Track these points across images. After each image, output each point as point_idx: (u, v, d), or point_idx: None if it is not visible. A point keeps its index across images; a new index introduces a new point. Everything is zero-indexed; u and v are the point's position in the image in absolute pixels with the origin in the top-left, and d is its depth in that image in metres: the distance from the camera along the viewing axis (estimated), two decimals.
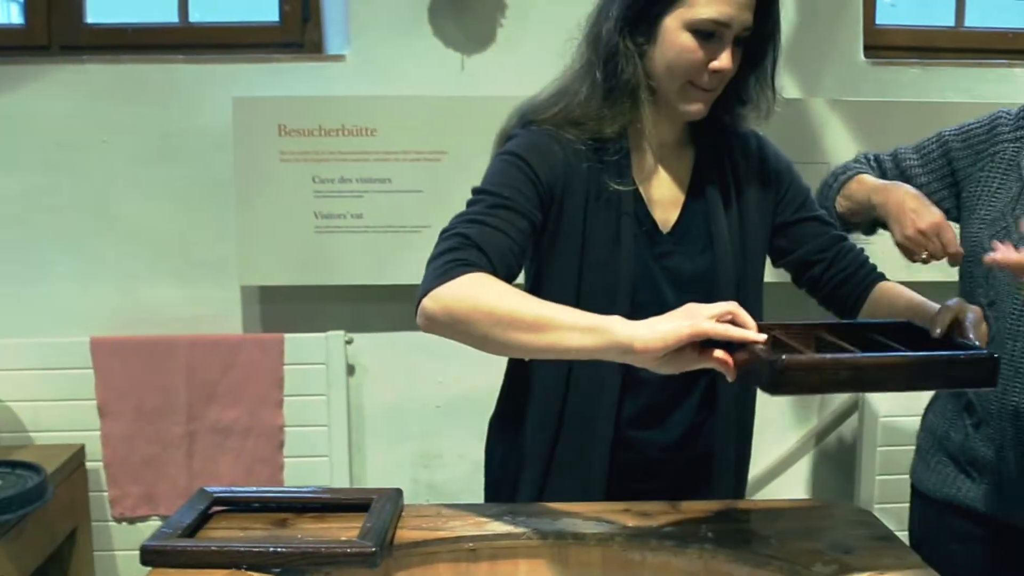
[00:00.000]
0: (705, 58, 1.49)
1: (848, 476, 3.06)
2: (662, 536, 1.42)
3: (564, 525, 1.45)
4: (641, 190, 1.59)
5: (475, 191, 1.54)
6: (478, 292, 1.37)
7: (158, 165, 2.77)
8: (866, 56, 2.93)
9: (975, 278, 1.80)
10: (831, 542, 1.40)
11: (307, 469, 2.85)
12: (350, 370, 2.88)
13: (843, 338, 1.36)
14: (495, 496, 1.73)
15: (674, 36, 1.49)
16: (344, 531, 1.38)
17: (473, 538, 1.43)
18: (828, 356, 1.25)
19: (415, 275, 2.71)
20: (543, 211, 1.53)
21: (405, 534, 1.42)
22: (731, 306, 1.27)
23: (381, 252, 2.77)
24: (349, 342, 2.84)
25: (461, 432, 2.95)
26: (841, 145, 2.84)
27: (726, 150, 1.65)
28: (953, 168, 1.87)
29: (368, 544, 1.29)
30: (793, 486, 3.07)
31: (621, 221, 1.55)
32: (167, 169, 2.78)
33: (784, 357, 1.19)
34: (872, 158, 1.95)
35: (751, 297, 1.64)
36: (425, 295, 1.42)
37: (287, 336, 2.80)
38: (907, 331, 1.40)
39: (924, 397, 1.99)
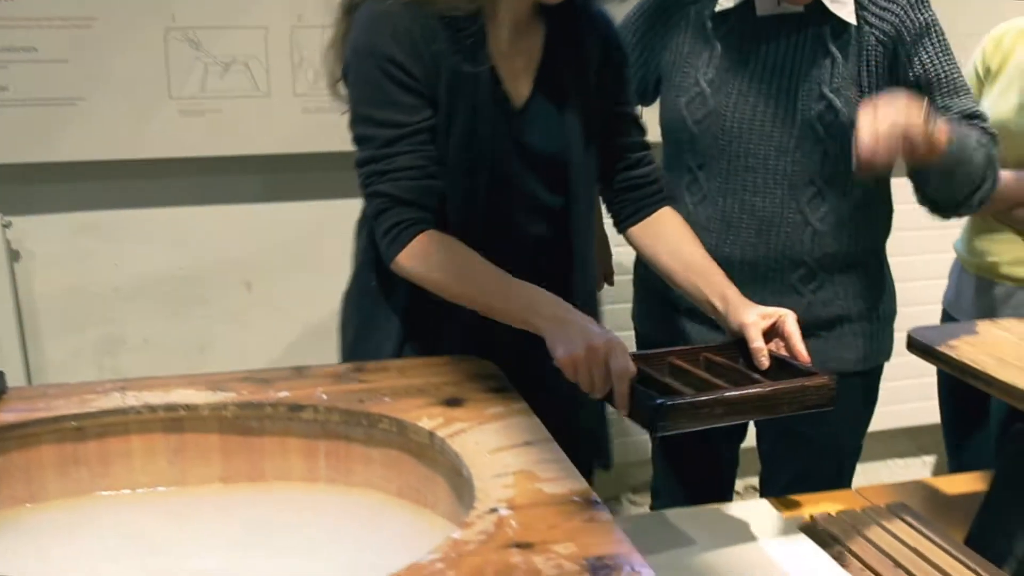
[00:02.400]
0: None
1: None
2: (277, 402, 1.40)
3: (177, 397, 1.41)
4: (496, 67, 1.55)
5: (360, 120, 1.53)
6: (430, 270, 1.50)
7: None
8: None
9: (681, 144, 1.87)
10: (445, 396, 1.42)
11: None
12: (15, 256, 2.70)
13: (688, 362, 1.51)
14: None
15: None
16: None
17: (77, 416, 1.36)
18: (705, 397, 1.36)
19: (73, 151, 2.60)
20: (429, 106, 1.51)
21: (1, 417, 1.34)
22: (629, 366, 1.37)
23: (33, 127, 2.56)
24: (7, 226, 2.65)
25: (144, 315, 2.84)
26: None
27: (574, 28, 1.63)
28: (652, 48, 1.91)
29: None
30: None
31: (478, 100, 1.52)
32: None
33: (665, 401, 1.31)
34: None
35: (591, 177, 1.67)
36: (390, 263, 1.53)
37: None
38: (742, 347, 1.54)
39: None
